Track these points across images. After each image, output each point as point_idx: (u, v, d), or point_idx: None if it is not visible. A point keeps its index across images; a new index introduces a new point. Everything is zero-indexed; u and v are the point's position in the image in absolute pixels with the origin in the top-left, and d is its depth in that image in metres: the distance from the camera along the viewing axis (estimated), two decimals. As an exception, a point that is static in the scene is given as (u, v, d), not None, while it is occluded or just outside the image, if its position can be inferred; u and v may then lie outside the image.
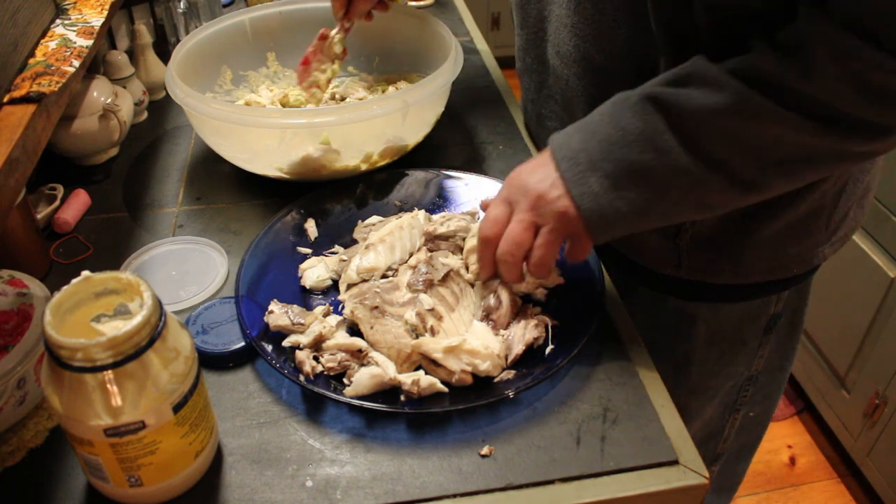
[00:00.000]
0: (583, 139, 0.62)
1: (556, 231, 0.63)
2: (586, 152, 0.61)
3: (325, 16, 1.08)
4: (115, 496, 0.56)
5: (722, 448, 0.98)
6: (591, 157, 0.61)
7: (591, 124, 0.62)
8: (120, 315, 0.54)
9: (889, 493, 1.54)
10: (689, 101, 0.57)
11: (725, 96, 0.56)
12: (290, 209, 0.81)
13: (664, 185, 0.60)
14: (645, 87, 0.61)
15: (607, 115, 0.62)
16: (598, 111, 0.63)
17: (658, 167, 0.59)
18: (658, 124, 0.58)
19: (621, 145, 0.60)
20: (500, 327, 0.68)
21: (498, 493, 0.57)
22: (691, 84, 0.58)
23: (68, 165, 0.95)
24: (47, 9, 0.81)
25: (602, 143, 0.60)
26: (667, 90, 0.59)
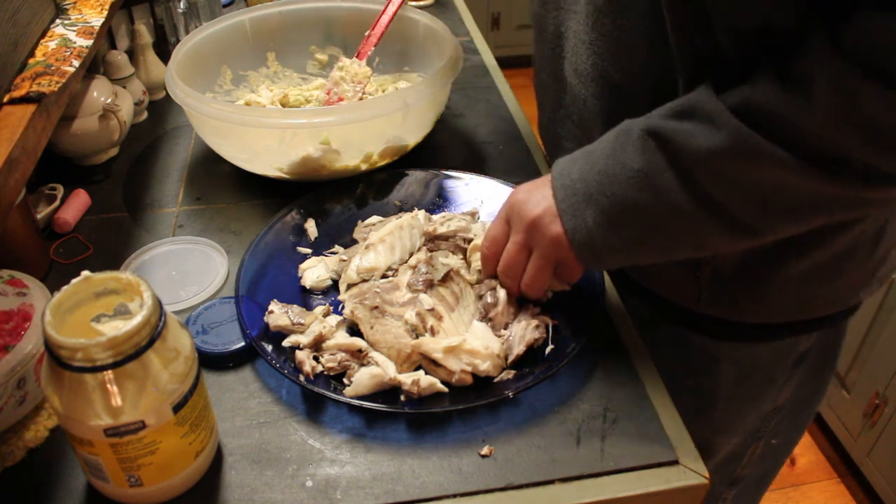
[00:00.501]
0: (583, 169, 0.61)
1: (547, 257, 0.64)
2: (584, 183, 0.60)
3: (325, 16, 1.08)
4: (115, 496, 0.56)
5: (741, 473, 0.94)
6: (589, 189, 0.60)
7: (594, 154, 0.61)
8: (120, 315, 0.54)
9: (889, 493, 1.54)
10: (690, 139, 0.55)
11: (724, 136, 0.53)
12: (290, 209, 0.81)
13: (660, 224, 0.59)
14: (650, 117, 0.59)
15: (609, 146, 0.60)
16: (602, 139, 0.62)
17: (655, 207, 0.57)
18: (658, 162, 0.57)
19: (619, 180, 0.58)
20: (499, 326, 0.68)
21: (498, 493, 0.57)
22: (694, 118, 0.55)
23: (68, 165, 0.95)
24: (47, 9, 0.81)
25: (601, 175, 0.59)
26: (669, 124, 0.57)
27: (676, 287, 0.76)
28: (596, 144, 0.62)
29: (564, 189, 0.61)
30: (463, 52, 0.94)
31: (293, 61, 1.11)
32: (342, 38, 1.10)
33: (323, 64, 1.11)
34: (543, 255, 0.64)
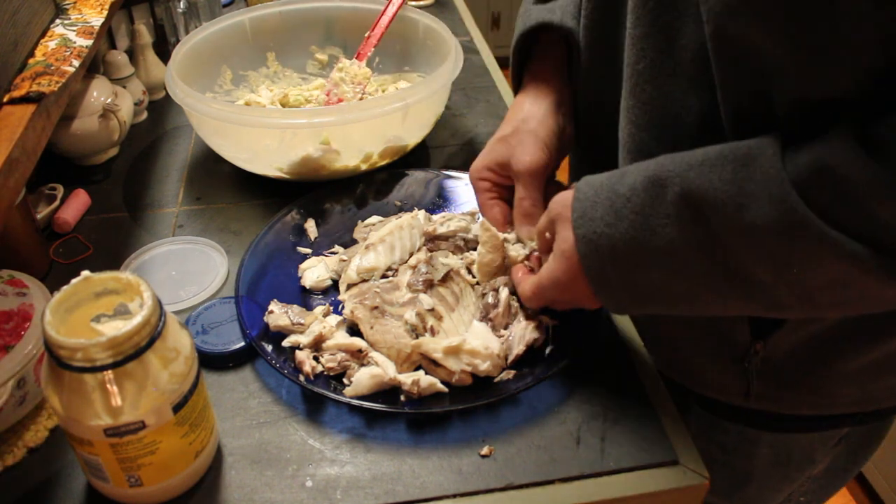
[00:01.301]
0: (610, 223, 0.53)
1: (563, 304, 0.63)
2: (610, 241, 0.53)
3: (325, 16, 1.08)
4: (115, 496, 0.56)
5: None
6: (615, 251, 0.53)
7: (623, 206, 0.53)
8: (120, 315, 0.54)
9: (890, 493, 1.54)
10: (737, 213, 0.47)
11: (779, 215, 0.45)
12: (290, 209, 0.81)
13: (690, 295, 0.53)
14: (688, 168, 0.49)
15: (639, 201, 0.52)
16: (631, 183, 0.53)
17: (687, 280, 0.51)
18: (695, 235, 0.49)
19: (648, 250, 0.51)
20: (499, 326, 0.68)
21: (498, 493, 0.57)
22: (747, 182, 0.46)
23: (68, 165, 0.95)
24: (47, 9, 0.81)
25: (630, 240, 0.52)
26: (712, 187, 0.48)
27: (721, 382, 0.70)
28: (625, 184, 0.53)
29: (586, 245, 0.55)
30: (463, 52, 0.94)
31: (293, 61, 1.11)
32: (342, 38, 1.10)
33: (323, 64, 1.11)
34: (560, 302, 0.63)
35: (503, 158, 0.68)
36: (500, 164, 0.69)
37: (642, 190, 0.52)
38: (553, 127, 0.69)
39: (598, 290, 0.56)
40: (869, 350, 0.63)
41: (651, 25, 0.55)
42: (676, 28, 0.54)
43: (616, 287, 0.55)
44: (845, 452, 0.77)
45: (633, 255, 0.52)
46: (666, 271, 0.52)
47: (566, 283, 0.58)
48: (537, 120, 0.69)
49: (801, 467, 0.77)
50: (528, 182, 0.66)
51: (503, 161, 0.68)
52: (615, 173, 0.55)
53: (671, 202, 0.50)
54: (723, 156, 0.48)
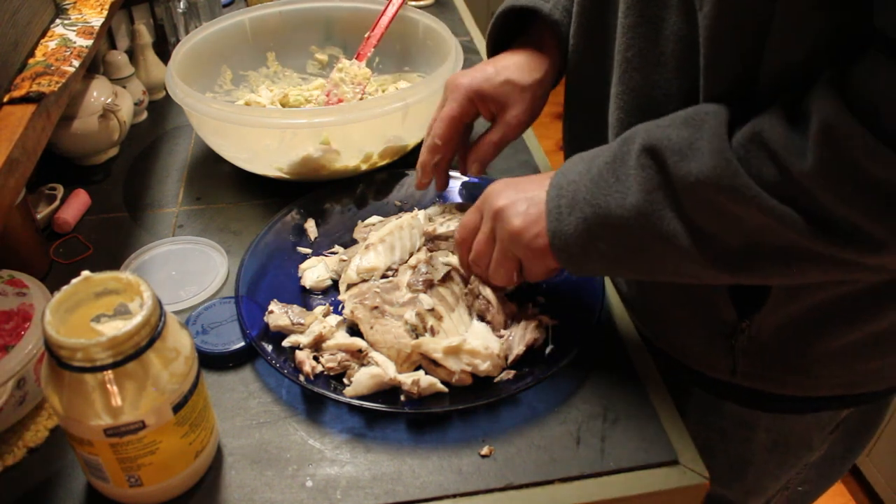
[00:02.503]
0: (581, 171, 0.58)
1: (505, 251, 0.63)
2: (575, 186, 0.58)
3: (325, 16, 1.08)
4: (115, 496, 0.56)
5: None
6: (577, 194, 0.57)
7: (597, 158, 0.58)
8: (120, 315, 0.54)
9: (889, 493, 1.54)
10: (682, 162, 0.51)
11: (713, 165, 0.50)
12: (290, 209, 0.81)
13: (640, 245, 0.56)
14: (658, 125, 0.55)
15: (611, 153, 0.57)
16: (609, 145, 0.59)
17: (637, 226, 0.54)
18: (650, 181, 0.53)
19: (609, 192, 0.55)
20: (499, 326, 0.68)
21: (498, 493, 0.57)
22: (697, 138, 0.51)
23: (68, 165, 0.95)
24: (47, 9, 0.81)
25: (593, 182, 0.57)
26: (670, 138, 0.53)
27: (709, 358, 0.71)
28: (602, 148, 0.59)
29: (555, 189, 0.59)
30: (463, 52, 0.94)
31: (293, 61, 1.11)
32: (342, 38, 1.10)
33: (323, 64, 1.11)
34: (502, 249, 0.63)
35: (504, 100, 0.73)
36: (496, 101, 0.73)
37: (617, 144, 0.57)
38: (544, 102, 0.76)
39: (553, 231, 0.59)
40: (849, 332, 0.64)
41: (640, 15, 0.58)
42: (662, 18, 0.57)
43: (571, 233, 0.58)
44: (842, 439, 0.77)
45: (596, 200, 0.56)
46: (626, 216, 0.55)
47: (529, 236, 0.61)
48: (545, 90, 0.75)
49: (799, 453, 0.78)
50: (510, 135, 0.74)
51: (503, 102, 0.73)
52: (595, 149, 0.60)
53: (636, 152, 0.55)
54: (683, 117, 0.54)
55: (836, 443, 0.78)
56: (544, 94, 0.75)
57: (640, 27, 0.59)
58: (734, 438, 0.78)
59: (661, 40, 0.58)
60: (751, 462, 0.79)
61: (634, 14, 0.59)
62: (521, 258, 0.63)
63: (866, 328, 0.64)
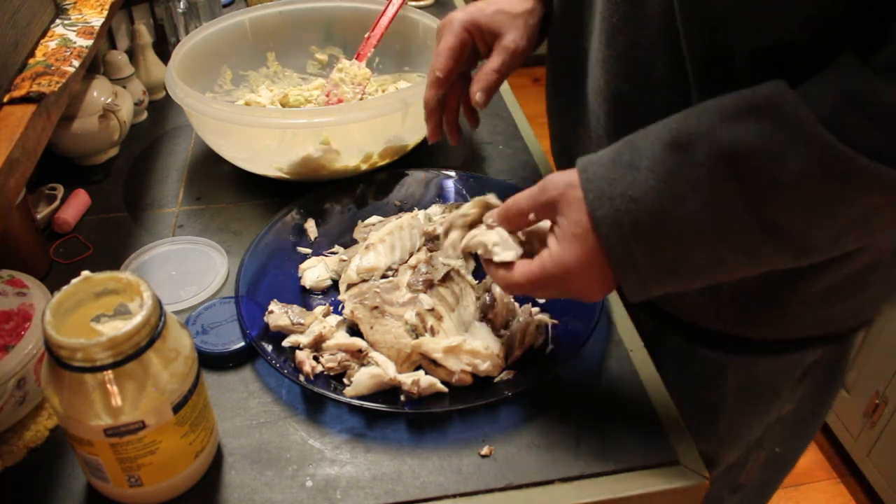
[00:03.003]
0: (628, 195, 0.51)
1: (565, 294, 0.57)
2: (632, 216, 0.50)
3: (326, 16, 1.08)
4: (115, 496, 0.56)
5: (744, 479, 0.92)
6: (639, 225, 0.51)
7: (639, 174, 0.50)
8: (120, 315, 0.54)
9: (889, 493, 1.54)
10: (776, 163, 0.46)
11: (814, 157, 0.45)
12: (290, 209, 0.81)
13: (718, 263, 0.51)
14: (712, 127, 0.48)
15: (663, 168, 0.50)
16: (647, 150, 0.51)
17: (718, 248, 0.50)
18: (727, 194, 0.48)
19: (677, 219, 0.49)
20: (499, 326, 0.68)
21: (498, 493, 0.57)
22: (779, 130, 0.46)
23: (68, 165, 0.95)
24: (47, 9, 0.81)
25: (653, 209, 0.50)
26: (744, 141, 0.47)
27: (694, 308, 0.73)
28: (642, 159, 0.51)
29: (609, 225, 0.51)
30: (463, 52, 0.94)
31: (293, 61, 1.11)
32: (342, 38, 1.10)
33: (323, 64, 1.11)
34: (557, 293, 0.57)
35: (496, 29, 0.73)
36: (492, 31, 0.73)
37: (665, 157, 0.50)
38: (538, 34, 0.76)
39: (623, 272, 0.52)
40: (828, 273, 0.66)
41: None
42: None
43: (642, 265, 0.52)
44: (810, 391, 0.81)
45: (661, 227, 0.50)
46: (697, 239, 0.50)
47: (577, 270, 0.54)
48: (536, 20, 0.75)
49: (769, 400, 0.80)
50: (509, 60, 0.73)
51: (495, 31, 0.73)
52: (619, 148, 0.53)
53: (701, 163, 0.48)
54: (741, 109, 0.48)
55: (804, 397, 0.81)
56: (536, 23, 0.75)
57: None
58: (707, 386, 0.80)
59: (644, 3, 0.59)
60: (723, 410, 0.81)
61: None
62: None
63: (843, 269, 0.65)
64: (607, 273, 0.54)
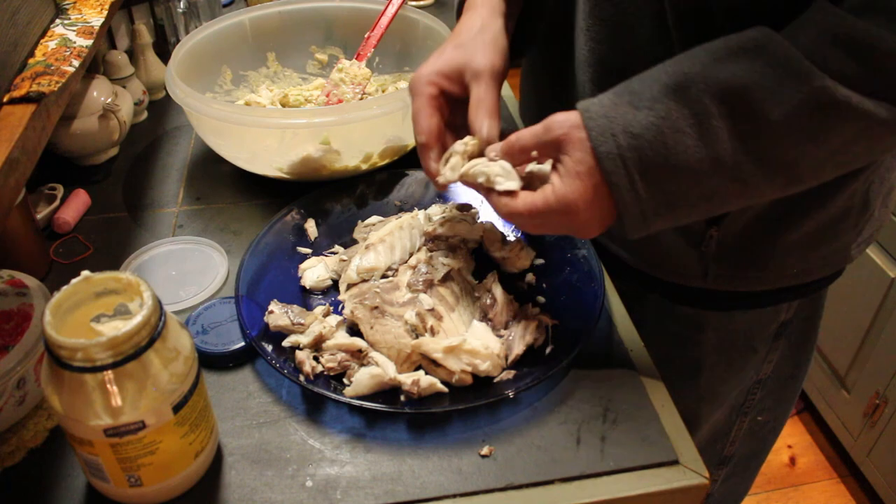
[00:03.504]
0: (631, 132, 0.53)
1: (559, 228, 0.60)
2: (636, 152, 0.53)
3: (325, 16, 1.08)
4: (115, 496, 0.56)
5: (729, 451, 0.95)
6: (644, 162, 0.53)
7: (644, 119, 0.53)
8: (120, 315, 0.54)
9: (889, 493, 1.54)
10: (771, 98, 0.50)
11: (804, 90, 0.49)
12: (290, 209, 0.81)
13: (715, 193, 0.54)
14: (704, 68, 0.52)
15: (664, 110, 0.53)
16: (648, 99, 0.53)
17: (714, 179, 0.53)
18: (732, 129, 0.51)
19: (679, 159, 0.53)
20: (499, 326, 0.68)
21: (498, 493, 0.57)
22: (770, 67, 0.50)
23: (68, 165, 0.95)
24: (47, 9, 0.81)
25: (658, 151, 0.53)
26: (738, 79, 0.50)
27: (679, 264, 0.75)
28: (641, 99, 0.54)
29: (613, 161, 0.54)
30: (463, 52, 0.94)
31: (293, 61, 1.11)
32: (342, 38, 1.10)
33: (323, 64, 1.11)
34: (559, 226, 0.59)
35: (459, 64, 0.66)
36: (456, 69, 0.66)
37: (662, 95, 0.53)
38: (506, 42, 0.70)
39: (627, 205, 0.55)
40: (804, 222, 0.70)
41: None
42: None
43: (645, 198, 0.54)
44: (786, 354, 0.85)
45: (662, 161, 0.53)
46: (697, 172, 0.53)
47: (579, 206, 0.56)
48: (493, 33, 0.69)
49: (745, 355, 0.84)
50: (490, 84, 0.65)
51: (459, 66, 0.66)
52: (617, 91, 0.55)
53: (697, 100, 0.51)
54: (731, 50, 0.51)
55: (781, 359, 0.85)
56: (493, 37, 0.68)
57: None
58: (686, 343, 0.83)
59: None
60: (702, 366, 0.85)
61: None
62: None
63: (817, 216, 0.70)
64: (608, 208, 0.56)
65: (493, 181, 0.60)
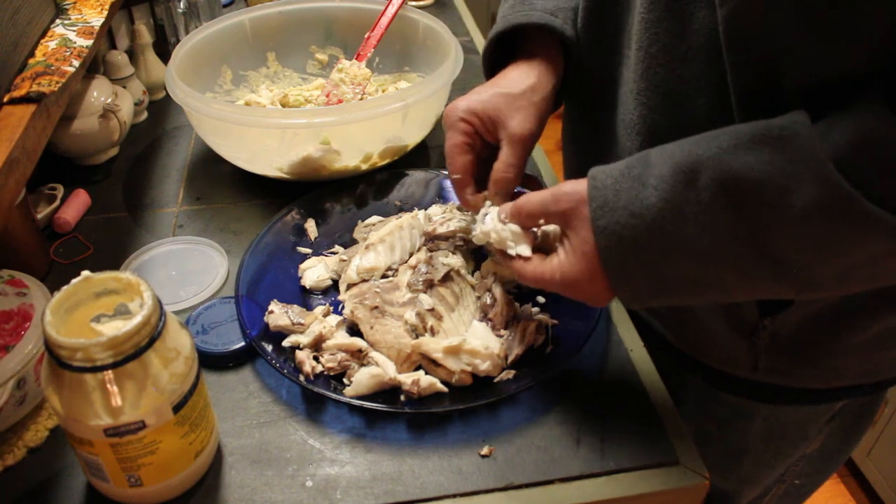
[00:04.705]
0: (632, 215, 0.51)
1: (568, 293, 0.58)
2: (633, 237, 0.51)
3: (326, 16, 1.08)
4: (115, 496, 0.56)
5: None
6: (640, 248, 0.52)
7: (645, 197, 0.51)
8: (120, 315, 0.54)
9: (889, 493, 1.54)
10: (778, 197, 0.46)
11: (821, 196, 0.44)
12: (290, 209, 0.81)
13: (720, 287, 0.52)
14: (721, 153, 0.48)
15: (668, 188, 0.50)
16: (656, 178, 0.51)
17: (719, 275, 0.50)
18: (731, 222, 0.48)
19: (678, 243, 0.50)
20: (499, 326, 0.68)
21: (498, 493, 0.57)
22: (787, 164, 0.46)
23: (68, 165, 0.95)
24: (47, 9, 0.81)
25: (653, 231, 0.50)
26: (750, 171, 0.46)
27: (727, 353, 0.71)
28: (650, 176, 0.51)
29: (608, 237, 0.52)
30: (463, 52, 0.94)
31: (293, 61, 1.11)
32: (342, 38, 1.10)
33: (323, 64, 1.11)
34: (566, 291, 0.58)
35: (497, 115, 0.65)
36: (493, 119, 0.65)
37: (670, 176, 0.50)
38: (551, 106, 0.69)
39: (618, 284, 0.54)
40: (874, 323, 0.64)
41: (665, 10, 0.57)
42: (689, 13, 0.55)
43: (638, 280, 0.53)
44: (839, 430, 0.77)
45: (660, 245, 0.51)
46: (695, 261, 0.50)
47: (582, 283, 0.56)
48: (543, 95, 0.68)
49: (795, 443, 0.78)
50: (520, 150, 0.65)
51: (496, 118, 0.65)
52: (632, 162, 0.53)
53: (705, 187, 0.48)
54: (755, 137, 0.47)
55: (832, 435, 0.77)
56: (543, 98, 0.67)
57: (665, 21, 0.57)
58: (731, 428, 0.77)
59: (688, 34, 0.56)
60: (747, 451, 0.79)
61: (659, 9, 0.57)
62: None
63: (888, 320, 0.63)
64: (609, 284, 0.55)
65: (505, 245, 0.61)
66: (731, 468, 0.81)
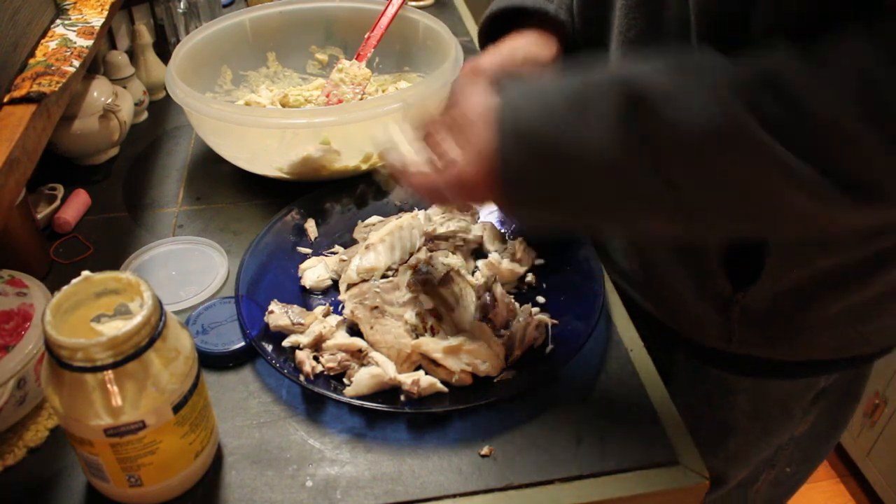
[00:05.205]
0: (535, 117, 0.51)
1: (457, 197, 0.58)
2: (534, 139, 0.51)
3: (326, 16, 1.08)
4: (115, 496, 0.56)
5: (752, 498, 0.91)
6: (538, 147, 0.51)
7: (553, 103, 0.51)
8: (120, 315, 0.54)
9: (889, 493, 1.54)
10: (677, 110, 0.46)
11: (716, 114, 0.45)
12: (290, 209, 0.81)
13: (600, 197, 0.51)
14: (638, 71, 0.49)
15: (572, 90, 0.50)
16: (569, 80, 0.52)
17: (601, 177, 0.50)
18: (630, 130, 0.48)
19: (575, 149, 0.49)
20: (499, 326, 0.68)
21: (498, 493, 0.57)
22: (694, 86, 0.46)
23: (68, 165, 0.95)
24: (47, 9, 0.81)
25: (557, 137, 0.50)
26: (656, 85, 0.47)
27: (705, 328, 0.72)
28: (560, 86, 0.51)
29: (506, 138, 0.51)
30: (463, 52, 0.94)
31: (293, 61, 1.11)
32: (342, 38, 1.10)
33: (323, 64, 1.11)
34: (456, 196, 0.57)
35: None
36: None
37: (581, 85, 0.50)
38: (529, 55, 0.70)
39: (510, 184, 0.52)
40: (841, 299, 0.65)
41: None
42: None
43: (531, 184, 0.52)
44: (825, 413, 0.79)
45: (559, 148, 0.50)
46: (589, 169, 0.49)
47: (476, 184, 0.54)
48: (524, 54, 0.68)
49: (781, 421, 0.79)
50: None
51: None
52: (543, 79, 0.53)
53: (610, 94, 0.48)
54: (673, 66, 0.48)
55: (819, 418, 0.79)
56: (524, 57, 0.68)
57: (642, 6, 0.60)
58: (717, 404, 0.79)
59: (663, 20, 0.58)
60: (733, 429, 0.81)
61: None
62: None
63: (857, 295, 0.65)
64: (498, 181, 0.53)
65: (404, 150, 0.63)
66: (719, 446, 0.83)
